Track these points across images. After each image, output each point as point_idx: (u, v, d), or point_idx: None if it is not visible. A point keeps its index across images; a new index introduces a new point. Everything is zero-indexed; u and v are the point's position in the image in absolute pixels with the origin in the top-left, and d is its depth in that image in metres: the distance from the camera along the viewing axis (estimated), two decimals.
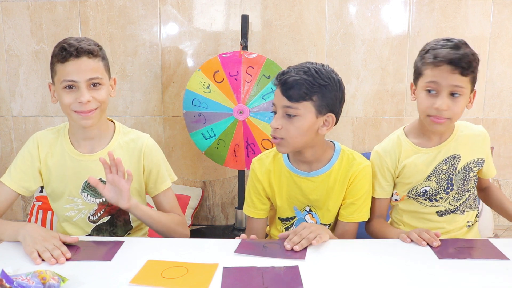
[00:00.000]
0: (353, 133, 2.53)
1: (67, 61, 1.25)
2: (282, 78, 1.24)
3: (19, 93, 2.57)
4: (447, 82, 1.23)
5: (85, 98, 1.25)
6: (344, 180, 1.34)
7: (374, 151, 1.43)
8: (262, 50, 2.44)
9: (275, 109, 1.27)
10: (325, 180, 1.34)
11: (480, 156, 1.37)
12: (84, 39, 1.30)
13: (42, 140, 1.38)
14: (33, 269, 0.94)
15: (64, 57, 1.25)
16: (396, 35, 2.43)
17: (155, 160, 1.42)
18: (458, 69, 1.22)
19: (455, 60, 1.21)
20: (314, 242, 1.14)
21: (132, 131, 1.45)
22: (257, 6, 2.44)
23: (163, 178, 1.44)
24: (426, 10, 2.40)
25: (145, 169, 1.42)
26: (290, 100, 1.22)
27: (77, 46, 1.25)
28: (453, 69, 1.22)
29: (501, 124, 2.49)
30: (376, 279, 0.99)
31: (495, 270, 1.03)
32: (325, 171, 1.34)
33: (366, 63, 2.46)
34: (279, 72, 1.27)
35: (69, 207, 1.40)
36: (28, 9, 2.48)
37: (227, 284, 0.97)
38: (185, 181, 2.63)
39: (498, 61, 2.43)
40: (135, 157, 1.40)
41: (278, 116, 1.25)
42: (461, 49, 1.23)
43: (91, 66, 1.27)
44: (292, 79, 1.22)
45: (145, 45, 2.50)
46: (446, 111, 1.25)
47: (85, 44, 1.27)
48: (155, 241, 1.26)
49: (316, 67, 1.25)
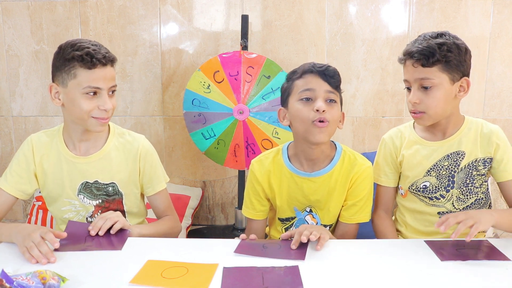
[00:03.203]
0: (353, 133, 2.53)
1: (95, 68, 1.25)
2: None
3: (19, 93, 2.57)
4: (412, 76, 1.28)
5: (108, 106, 1.29)
6: (345, 181, 1.33)
7: (382, 138, 1.49)
8: (262, 50, 2.44)
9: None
10: (326, 181, 1.34)
11: (487, 155, 1.34)
12: (100, 45, 1.31)
13: (36, 143, 1.38)
14: (33, 269, 0.94)
15: (93, 64, 1.25)
16: (396, 35, 2.43)
17: (151, 161, 1.44)
18: (419, 61, 1.25)
19: (413, 53, 1.26)
20: (318, 248, 1.14)
21: (127, 132, 1.45)
22: (257, 6, 2.44)
23: (158, 179, 1.46)
24: (426, 10, 2.40)
25: (141, 171, 1.43)
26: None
27: (104, 54, 1.28)
28: (414, 62, 1.27)
29: (501, 124, 2.47)
30: (376, 279, 0.99)
31: (495, 270, 1.03)
32: (326, 172, 1.33)
33: (366, 63, 2.46)
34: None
35: (66, 209, 1.40)
36: (28, 9, 2.48)
37: (227, 284, 0.97)
38: (185, 181, 2.63)
39: (498, 61, 2.43)
40: (131, 159, 1.41)
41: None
42: (428, 40, 1.27)
43: (113, 74, 1.31)
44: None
45: (145, 45, 2.50)
46: (418, 104, 1.28)
47: (107, 52, 1.30)
48: (155, 241, 1.26)
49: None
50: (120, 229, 1.24)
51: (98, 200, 1.40)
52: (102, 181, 1.39)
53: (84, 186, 1.38)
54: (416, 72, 1.27)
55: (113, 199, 1.42)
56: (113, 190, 1.40)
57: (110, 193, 1.40)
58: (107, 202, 1.41)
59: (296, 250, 1.13)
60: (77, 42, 1.28)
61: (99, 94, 1.28)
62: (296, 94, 1.29)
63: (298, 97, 1.28)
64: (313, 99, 1.26)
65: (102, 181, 1.39)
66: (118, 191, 1.41)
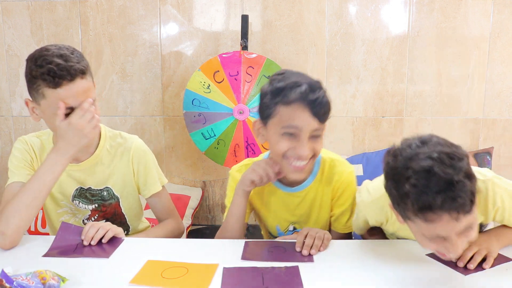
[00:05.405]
0: (353, 133, 2.53)
1: (61, 86, 1.13)
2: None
3: (19, 93, 2.57)
4: (454, 231, 0.92)
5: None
6: (328, 191, 1.28)
7: (364, 189, 1.20)
8: (262, 50, 2.44)
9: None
10: (309, 193, 1.29)
11: (483, 221, 1.14)
12: (67, 53, 1.16)
13: (33, 144, 1.34)
14: (33, 269, 0.94)
15: (58, 83, 1.13)
16: (396, 35, 2.43)
17: (145, 162, 1.39)
18: (462, 210, 0.89)
19: (458, 206, 0.88)
20: (322, 249, 1.13)
21: (119, 134, 1.40)
22: (257, 6, 2.44)
23: (153, 180, 1.40)
24: (426, 10, 2.40)
25: (135, 172, 1.39)
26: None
27: (69, 68, 1.13)
28: (456, 215, 0.89)
29: (501, 124, 2.49)
30: (376, 279, 0.99)
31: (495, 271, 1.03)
32: (308, 184, 1.28)
33: (366, 63, 2.46)
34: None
35: (62, 211, 1.38)
36: (28, 9, 2.48)
37: (227, 284, 0.97)
38: (185, 181, 2.63)
39: (498, 61, 2.42)
40: (124, 161, 1.37)
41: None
42: (447, 176, 0.88)
43: (86, 87, 1.18)
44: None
45: (145, 45, 2.50)
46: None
47: (74, 62, 1.15)
48: (155, 241, 1.26)
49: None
50: (112, 237, 1.21)
51: (94, 205, 1.38)
52: (96, 187, 1.36)
53: (78, 192, 1.36)
54: (458, 224, 0.91)
55: (109, 203, 1.39)
56: (108, 194, 1.38)
57: (106, 198, 1.38)
58: (104, 207, 1.39)
59: (301, 253, 1.12)
60: (41, 55, 1.15)
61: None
62: (278, 124, 1.15)
63: (280, 129, 1.14)
64: (296, 137, 1.14)
65: (95, 187, 1.36)
66: (114, 195, 1.38)
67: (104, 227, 1.21)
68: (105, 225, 1.22)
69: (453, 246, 0.93)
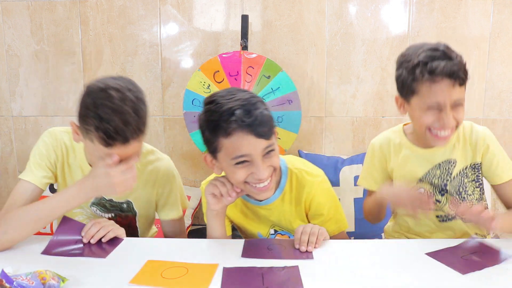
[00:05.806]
0: (353, 133, 2.53)
1: (113, 146, 1.08)
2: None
3: (19, 93, 2.57)
4: (450, 98, 1.15)
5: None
6: (299, 203, 1.26)
7: (371, 143, 1.43)
8: (262, 50, 2.44)
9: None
10: (279, 206, 1.27)
11: (476, 160, 1.30)
12: (129, 109, 1.06)
13: (62, 140, 1.30)
14: (33, 269, 0.94)
15: (110, 144, 1.07)
16: (396, 35, 2.43)
17: (169, 186, 1.37)
18: (458, 80, 1.14)
19: (453, 72, 1.13)
20: (317, 246, 1.13)
21: (152, 151, 1.37)
22: (257, 6, 2.44)
23: (173, 206, 1.39)
24: (426, 10, 2.40)
25: (158, 193, 1.37)
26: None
27: (125, 130, 1.05)
28: (453, 82, 1.14)
29: (501, 124, 2.49)
30: (376, 279, 0.99)
31: (495, 270, 1.03)
32: (276, 198, 1.26)
33: (366, 63, 2.46)
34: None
35: (78, 212, 1.37)
36: (28, 9, 2.48)
37: (227, 284, 0.97)
38: (185, 181, 2.63)
39: (498, 61, 2.42)
40: (151, 181, 1.35)
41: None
42: (454, 57, 1.15)
43: (136, 147, 1.13)
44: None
45: (145, 45, 2.50)
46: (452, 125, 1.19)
47: (133, 124, 1.06)
48: (155, 241, 1.26)
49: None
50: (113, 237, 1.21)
51: (111, 214, 1.37)
52: (117, 199, 1.35)
53: (98, 200, 1.35)
54: (454, 92, 1.15)
55: (126, 215, 1.38)
56: (128, 207, 1.37)
57: (124, 210, 1.37)
58: (120, 217, 1.38)
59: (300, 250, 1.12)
60: (103, 104, 1.05)
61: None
62: (227, 156, 1.11)
63: (231, 161, 1.10)
64: (250, 162, 1.10)
65: (117, 199, 1.35)
66: (133, 209, 1.37)
67: (106, 227, 1.20)
68: (107, 225, 1.21)
69: (447, 116, 1.16)
